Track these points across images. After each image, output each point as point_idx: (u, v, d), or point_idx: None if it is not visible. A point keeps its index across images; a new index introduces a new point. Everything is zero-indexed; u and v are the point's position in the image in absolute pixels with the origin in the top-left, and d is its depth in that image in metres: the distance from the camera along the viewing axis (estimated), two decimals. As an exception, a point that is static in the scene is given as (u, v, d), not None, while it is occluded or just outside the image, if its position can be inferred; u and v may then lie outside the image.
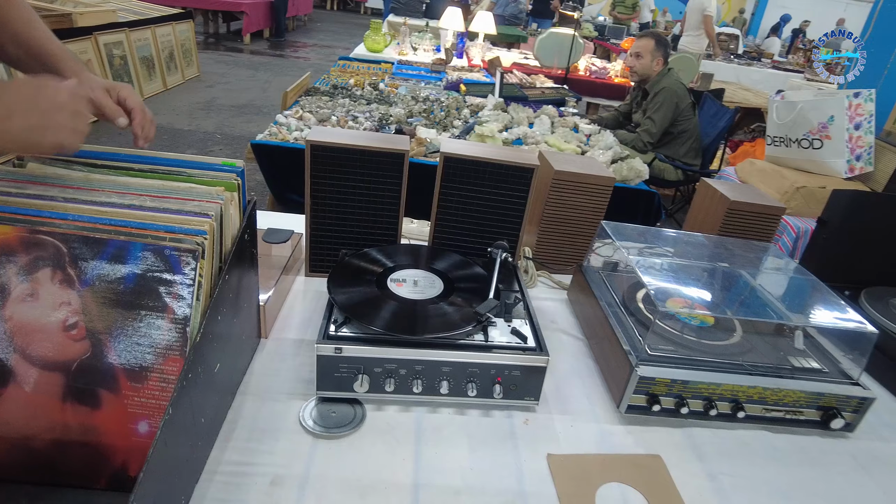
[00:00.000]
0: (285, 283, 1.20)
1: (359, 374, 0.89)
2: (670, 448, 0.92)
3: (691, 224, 1.44)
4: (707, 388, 0.95)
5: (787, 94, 2.51)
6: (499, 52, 5.51)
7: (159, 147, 4.29)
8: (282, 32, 9.97)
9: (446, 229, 1.22)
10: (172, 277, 0.77)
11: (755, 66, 9.11)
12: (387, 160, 1.13)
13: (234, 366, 0.92)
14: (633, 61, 3.39)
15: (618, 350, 0.98)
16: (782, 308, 1.11)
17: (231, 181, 0.91)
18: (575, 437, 0.91)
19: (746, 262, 1.21)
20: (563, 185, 1.30)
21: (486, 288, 1.00)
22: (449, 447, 0.86)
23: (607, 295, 1.14)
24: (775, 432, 0.99)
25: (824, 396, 0.98)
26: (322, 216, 1.19)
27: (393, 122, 2.56)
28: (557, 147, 2.38)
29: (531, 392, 0.93)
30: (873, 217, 1.34)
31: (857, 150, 2.27)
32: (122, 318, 0.76)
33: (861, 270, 1.38)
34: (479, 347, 0.91)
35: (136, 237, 0.77)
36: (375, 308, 0.93)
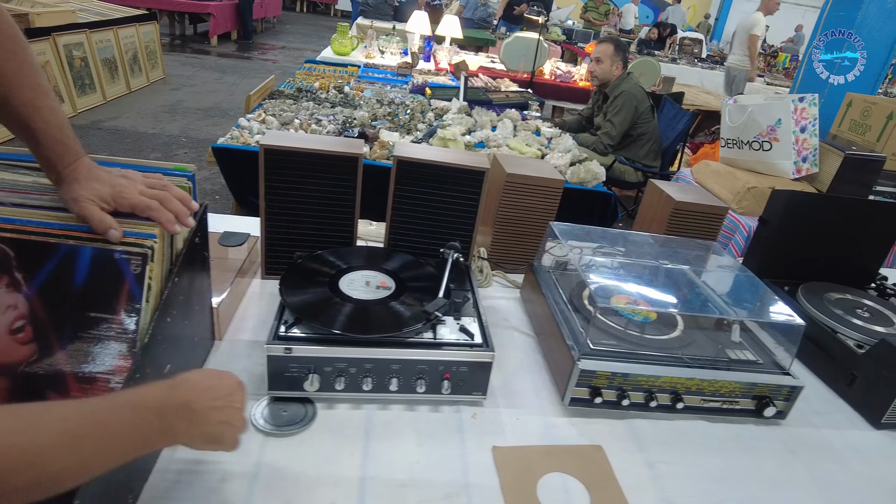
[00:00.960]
0: (241, 285, 1.21)
1: (309, 373, 0.91)
2: (612, 438, 0.96)
3: (640, 224, 1.49)
4: (647, 381, 0.99)
5: (740, 98, 2.61)
6: (466, 55, 5.56)
7: (121, 151, 4.23)
8: (249, 34, 9.87)
9: (401, 231, 1.24)
10: (122, 281, 0.78)
11: (718, 69, 9.36)
12: (340, 163, 1.16)
13: (185, 367, 0.93)
14: (593, 66, 3.47)
15: (562, 345, 1.02)
16: (721, 303, 1.17)
17: (182, 185, 0.92)
18: (521, 429, 0.95)
19: (689, 260, 1.27)
20: (515, 187, 1.33)
21: (437, 287, 1.03)
22: (397, 442, 0.89)
23: (556, 293, 1.19)
24: (713, 421, 1.04)
25: (758, 386, 1.04)
26: (277, 219, 1.20)
27: (357, 125, 2.58)
28: (518, 150, 2.42)
29: (478, 387, 0.97)
30: (810, 216, 1.41)
31: (803, 152, 2.37)
32: (71, 321, 0.77)
33: (800, 266, 1.45)
34: (428, 345, 0.94)
35: (86, 241, 0.78)
36: (325, 308, 0.96)
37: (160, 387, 0.64)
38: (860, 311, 1.32)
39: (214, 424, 0.66)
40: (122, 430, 0.58)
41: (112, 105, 5.24)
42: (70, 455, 0.53)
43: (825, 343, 1.24)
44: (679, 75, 7.84)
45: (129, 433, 0.59)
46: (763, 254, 1.45)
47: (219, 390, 0.68)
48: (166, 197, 0.84)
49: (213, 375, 0.70)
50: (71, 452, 0.53)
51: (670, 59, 9.30)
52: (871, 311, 1.33)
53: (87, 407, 0.57)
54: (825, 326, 1.25)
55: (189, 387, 0.65)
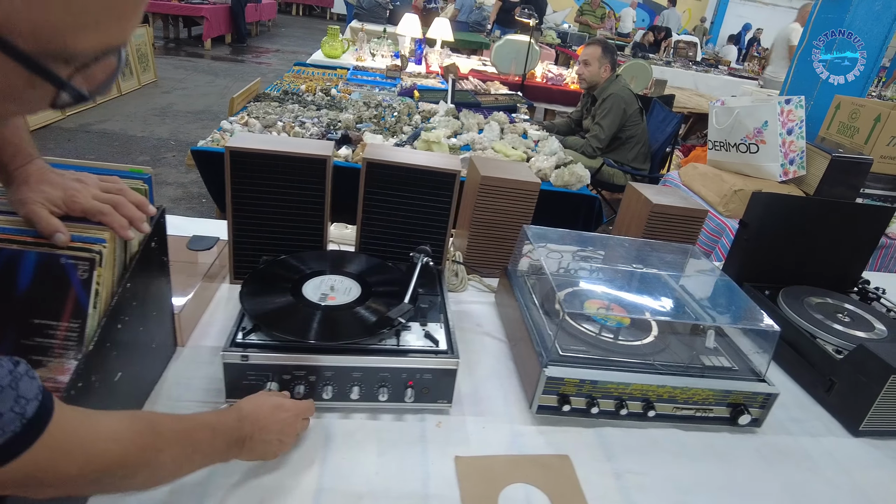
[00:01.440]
0: (208, 290, 1.19)
1: (267, 381, 0.88)
2: (580, 448, 0.94)
3: (619, 227, 1.47)
4: (617, 388, 0.97)
5: (727, 100, 2.59)
6: (458, 58, 5.55)
7: (109, 155, 4.20)
8: (243, 37, 9.85)
9: (372, 234, 1.22)
10: (68, 286, 0.76)
11: (712, 72, 9.37)
12: (308, 166, 1.13)
13: (140, 374, 0.91)
14: (581, 69, 3.45)
15: (531, 351, 1.00)
16: (697, 308, 1.15)
17: (138, 188, 0.89)
18: (486, 438, 0.92)
19: (666, 264, 1.24)
20: (490, 190, 1.31)
21: (405, 292, 1.00)
22: (357, 452, 0.86)
23: (528, 298, 1.16)
24: (686, 430, 1.02)
25: (732, 394, 1.01)
26: (245, 223, 1.18)
27: (341, 127, 2.56)
28: (503, 153, 2.40)
29: (444, 395, 0.94)
30: (791, 219, 1.39)
31: (790, 154, 2.35)
32: (13, 328, 0.74)
33: (781, 270, 1.43)
34: (391, 352, 0.91)
35: (31, 245, 0.76)
36: (285, 314, 0.93)
37: (232, 417, 0.75)
38: (841, 316, 1.30)
39: (262, 452, 0.78)
40: (201, 447, 0.69)
41: (101, 108, 5.21)
42: (174, 460, 0.65)
43: (804, 348, 1.22)
44: (673, 78, 7.84)
45: (206, 450, 0.70)
46: (744, 257, 1.42)
47: (274, 426, 0.79)
48: (120, 201, 0.82)
49: (277, 409, 0.80)
50: (175, 458, 0.65)
51: (665, 62, 9.30)
52: (852, 315, 1.31)
53: (182, 423, 0.68)
54: (804, 331, 1.23)
55: (252, 421, 0.76)
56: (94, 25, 0.42)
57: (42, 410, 0.51)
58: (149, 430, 0.63)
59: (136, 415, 0.67)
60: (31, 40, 0.40)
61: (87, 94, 0.46)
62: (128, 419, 0.62)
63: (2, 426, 0.48)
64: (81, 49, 0.43)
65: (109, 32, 0.44)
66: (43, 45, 0.40)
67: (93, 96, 0.47)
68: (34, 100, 0.46)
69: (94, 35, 0.43)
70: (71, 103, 0.46)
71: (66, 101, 0.46)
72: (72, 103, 0.46)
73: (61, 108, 0.47)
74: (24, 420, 0.49)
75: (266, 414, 0.79)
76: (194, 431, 0.69)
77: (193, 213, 3.54)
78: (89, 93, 0.46)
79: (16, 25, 0.39)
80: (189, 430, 0.68)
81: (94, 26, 0.42)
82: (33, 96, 0.45)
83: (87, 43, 0.43)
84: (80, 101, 0.46)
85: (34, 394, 0.51)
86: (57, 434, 0.52)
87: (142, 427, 0.62)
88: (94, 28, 0.42)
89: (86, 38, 0.42)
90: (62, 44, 0.41)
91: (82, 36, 0.42)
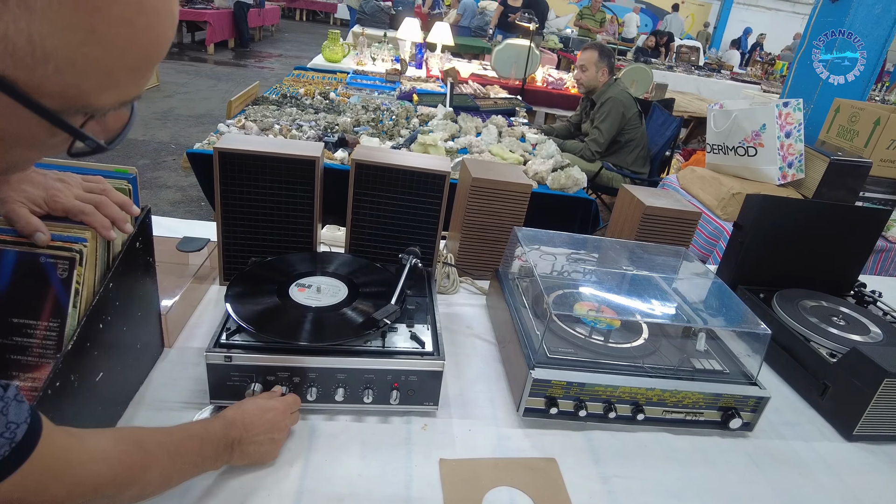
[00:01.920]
0: (197, 291, 1.18)
1: (251, 382, 0.88)
2: (568, 451, 0.93)
3: (612, 229, 1.46)
4: (605, 391, 0.96)
5: (725, 103, 2.58)
6: (459, 63, 5.55)
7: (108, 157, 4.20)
8: (246, 42, 9.90)
9: (362, 236, 1.21)
10: (47, 285, 0.75)
11: (715, 77, 9.37)
12: (297, 167, 1.13)
13: (124, 375, 0.90)
14: (579, 74, 3.45)
15: (518, 353, 0.99)
16: (688, 310, 1.13)
17: (122, 188, 0.89)
18: (472, 441, 0.91)
19: (658, 266, 1.23)
20: (481, 192, 1.31)
21: (392, 293, 0.99)
22: (340, 454, 0.85)
23: (519, 300, 1.15)
24: (677, 434, 1.01)
25: (723, 397, 1.00)
26: (234, 224, 1.17)
27: (338, 130, 2.56)
28: (500, 156, 2.40)
29: (430, 397, 0.93)
30: (786, 222, 1.38)
31: (788, 157, 2.34)
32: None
33: (776, 274, 1.42)
34: (375, 353, 0.90)
35: (10, 244, 0.75)
36: (270, 315, 0.92)
37: (218, 425, 0.76)
38: (836, 319, 1.28)
39: (254, 455, 0.79)
40: (190, 457, 0.70)
41: (104, 112, 5.22)
42: (161, 474, 0.66)
43: (798, 352, 1.20)
44: (675, 83, 7.84)
45: (194, 459, 0.71)
46: (738, 260, 1.41)
47: (261, 426, 0.79)
48: (103, 201, 0.82)
49: (262, 411, 0.81)
50: (162, 472, 0.66)
51: (667, 66, 9.31)
52: (848, 318, 1.30)
53: (169, 437, 0.69)
54: (798, 335, 1.22)
55: (238, 426, 0.77)
56: (116, 85, 0.46)
57: (30, 432, 0.51)
58: (136, 448, 0.64)
59: (122, 433, 0.68)
60: (58, 100, 0.43)
61: (105, 144, 0.50)
62: (115, 439, 0.63)
63: None
64: (101, 105, 0.46)
65: (128, 89, 0.47)
66: (69, 104, 0.44)
67: (110, 147, 0.51)
68: (54, 146, 0.50)
69: (114, 92, 0.46)
70: (88, 153, 0.50)
71: (83, 150, 0.49)
72: (89, 153, 0.50)
73: (77, 157, 0.51)
74: (13, 444, 0.49)
75: (252, 417, 0.80)
76: (181, 443, 0.70)
77: (192, 216, 3.55)
78: (106, 143, 0.50)
79: (47, 89, 0.42)
80: (176, 442, 0.69)
81: (116, 86, 0.46)
82: (54, 143, 0.49)
83: (107, 100, 0.46)
84: (97, 152, 0.50)
85: (23, 417, 0.51)
86: (45, 456, 0.52)
87: (129, 446, 0.63)
88: (115, 87, 0.46)
89: (107, 96, 0.46)
90: (86, 102, 0.45)
91: (104, 95, 0.46)
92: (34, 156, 0.52)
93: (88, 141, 0.48)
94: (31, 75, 0.41)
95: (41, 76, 0.41)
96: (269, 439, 0.81)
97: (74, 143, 0.49)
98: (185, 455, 0.70)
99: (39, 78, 0.41)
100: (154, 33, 0.46)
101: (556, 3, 14.69)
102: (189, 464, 0.71)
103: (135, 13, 0.43)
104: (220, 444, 0.74)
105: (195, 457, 0.71)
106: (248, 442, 0.78)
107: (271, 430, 0.81)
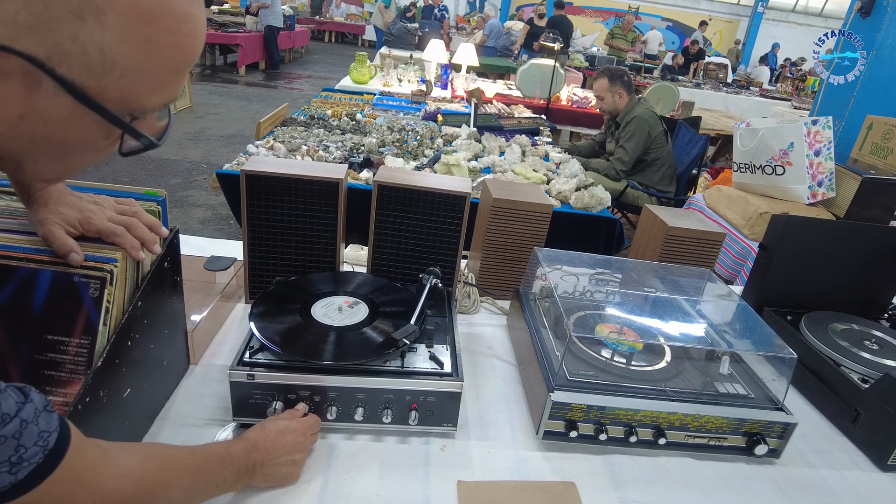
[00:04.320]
0: (222, 309, 1.21)
1: (273, 400, 0.89)
2: (587, 475, 0.91)
3: (635, 250, 1.45)
4: (626, 415, 0.95)
5: (752, 121, 2.55)
6: (484, 83, 5.60)
7: (143, 177, 4.35)
8: (276, 64, 10.15)
9: (383, 256, 1.23)
10: (80, 304, 0.78)
11: (743, 94, 9.26)
12: (321, 188, 1.15)
13: (151, 391, 0.93)
14: (599, 104, 3.46)
15: (538, 375, 0.99)
16: (712, 332, 1.12)
17: (152, 209, 0.92)
18: (490, 463, 0.91)
19: (681, 288, 1.22)
20: (502, 212, 1.31)
21: (412, 314, 1.00)
22: (358, 474, 0.86)
23: (539, 321, 1.15)
24: (699, 459, 0.99)
25: (747, 422, 0.98)
26: (259, 244, 1.20)
27: (364, 151, 2.60)
28: (524, 175, 2.40)
29: (448, 418, 0.93)
30: (815, 242, 1.35)
31: (818, 175, 2.30)
32: (28, 343, 0.77)
33: (804, 295, 1.39)
34: (395, 373, 0.91)
35: (47, 264, 0.79)
36: (292, 334, 0.94)
37: (241, 447, 0.77)
38: (868, 343, 1.25)
39: (275, 477, 0.81)
40: (212, 478, 0.72)
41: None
42: (183, 494, 0.68)
43: (827, 377, 1.17)
44: (703, 100, 7.77)
45: (215, 480, 0.73)
46: (764, 281, 1.39)
47: (282, 449, 0.81)
48: (134, 223, 0.85)
49: (283, 433, 0.82)
50: (184, 492, 0.68)
51: (694, 84, 9.24)
52: (881, 342, 1.26)
53: (193, 457, 0.71)
54: (828, 359, 1.19)
55: (260, 449, 0.79)
56: (162, 87, 0.53)
57: (60, 441, 0.53)
58: (160, 466, 0.66)
59: (148, 450, 0.70)
60: (117, 104, 0.50)
61: (157, 141, 0.56)
62: (140, 456, 0.66)
63: (27, 458, 0.50)
64: (150, 106, 0.53)
65: (171, 91, 0.54)
66: (124, 107, 0.51)
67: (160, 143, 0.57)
68: (105, 149, 0.56)
69: (161, 94, 0.53)
70: (141, 150, 0.56)
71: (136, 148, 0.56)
72: (142, 150, 0.56)
73: (128, 155, 0.57)
74: (46, 451, 0.51)
75: (273, 439, 0.81)
76: (204, 464, 0.72)
77: (221, 234, 3.63)
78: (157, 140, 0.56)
79: (110, 94, 0.49)
80: (199, 463, 0.71)
81: (162, 88, 0.53)
82: (105, 146, 0.56)
83: (155, 101, 0.53)
84: (150, 148, 0.56)
85: (54, 426, 0.53)
86: (74, 465, 0.54)
87: (153, 464, 0.65)
88: (161, 89, 0.53)
89: (155, 98, 0.53)
90: (138, 104, 0.52)
91: (153, 96, 0.53)
92: (88, 160, 0.58)
93: (143, 138, 0.54)
94: (99, 82, 0.47)
95: (107, 82, 0.47)
96: (289, 461, 0.82)
97: (123, 143, 0.55)
98: (207, 476, 0.72)
99: (106, 84, 0.47)
100: (194, 39, 0.53)
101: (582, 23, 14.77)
102: (210, 484, 0.73)
103: (181, 22, 0.50)
104: (241, 467, 0.76)
105: (216, 478, 0.73)
106: (270, 464, 0.79)
107: (292, 452, 0.82)
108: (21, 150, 0.52)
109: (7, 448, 0.49)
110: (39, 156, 0.54)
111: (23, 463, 0.50)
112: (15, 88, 0.46)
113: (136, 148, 0.55)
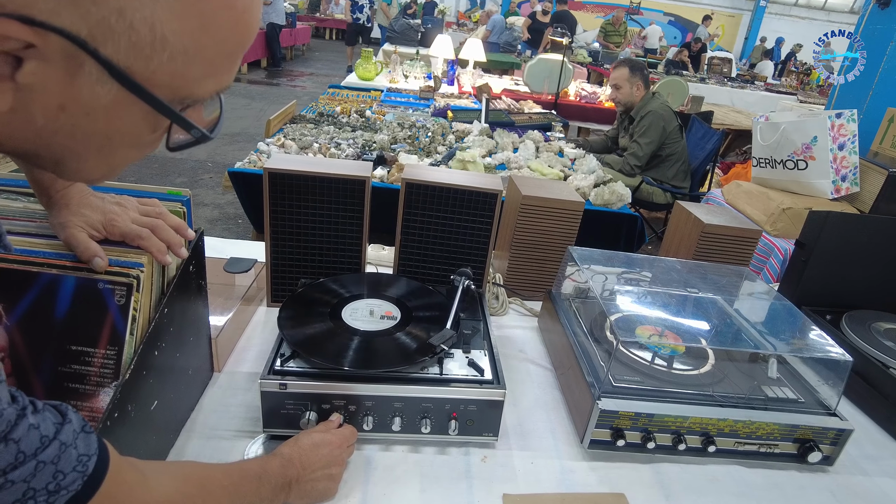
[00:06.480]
0: (244, 313, 1.16)
1: (306, 410, 0.85)
2: (636, 486, 0.87)
3: (667, 248, 1.40)
4: (674, 422, 0.90)
5: (771, 115, 2.50)
6: (490, 78, 5.55)
7: (148, 176, 4.30)
8: (278, 62, 10.09)
9: (411, 256, 1.19)
10: (105, 312, 0.74)
11: (749, 88, 9.19)
12: (347, 187, 1.11)
13: (177, 402, 0.88)
14: (614, 93, 3.40)
15: (581, 381, 0.94)
16: (756, 335, 1.07)
17: (177, 210, 0.88)
18: (535, 475, 0.87)
19: (720, 287, 1.17)
20: (531, 210, 1.27)
21: (446, 317, 0.96)
22: (398, 487, 0.81)
23: (575, 323, 1.11)
24: (750, 467, 0.95)
25: (800, 428, 0.94)
26: (283, 245, 1.16)
27: (376, 148, 2.55)
28: (540, 172, 2.36)
29: (489, 427, 0.89)
30: (853, 239, 1.31)
31: (842, 170, 2.25)
32: (51, 354, 0.73)
33: (842, 294, 1.35)
34: (433, 381, 0.87)
35: (69, 270, 0.74)
36: (324, 340, 0.90)
37: (276, 464, 0.74)
38: (913, 343, 1.20)
39: (312, 493, 0.77)
40: (249, 498, 0.69)
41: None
42: None
43: (875, 379, 1.13)
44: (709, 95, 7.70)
45: (253, 500, 0.70)
46: (801, 280, 1.34)
47: (318, 463, 0.77)
48: (159, 225, 0.80)
49: (318, 446, 0.79)
50: None
51: (699, 78, 9.17)
52: (926, 342, 1.21)
53: (230, 478, 0.68)
54: (874, 360, 1.14)
55: (296, 464, 0.76)
56: (215, 73, 0.47)
57: (99, 464, 0.50)
58: (198, 490, 0.63)
59: (184, 472, 0.66)
60: (167, 91, 0.44)
61: (210, 134, 0.50)
62: (179, 479, 0.62)
63: (65, 486, 0.47)
64: (201, 94, 0.47)
65: (224, 77, 0.48)
66: (175, 94, 0.45)
67: (213, 136, 0.51)
68: (151, 143, 0.51)
69: (213, 81, 0.47)
70: (192, 143, 0.50)
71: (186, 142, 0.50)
72: (192, 144, 0.50)
73: (176, 150, 0.52)
74: (85, 477, 0.48)
75: (307, 454, 0.78)
76: (241, 485, 0.69)
77: (230, 233, 3.58)
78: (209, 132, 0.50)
79: (158, 79, 0.43)
80: (236, 483, 0.68)
81: (215, 73, 0.47)
82: (152, 140, 0.50)
83: (207, 88, 0.47)
84: (201, 142, 0.50)
85: (93, 449, 0.50)
86: (113, 491, 0.51)
87: (191, 489, 0.63)
88: (214, 75, 0.47)
89: (207, 85, 0.47)
90: (189, 91, 0.46)
91: (205, 83, 0.47)
92: (132, 156, 0.52)
93: (194, 130, 0.48)
94: (147, 65, 0.41)
95: (156, 65, 0.42)
96: (326, 475, 0.78)
97: (171, 136, 0.49)
98: (245, 496, 0.69)
99: (154, 67, 0.42)
100: (250, 17, 0.46)
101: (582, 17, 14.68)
102: (247, 502, 0.69)
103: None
104: (277, 484, 0.73)
105: (254, 497, 0.70)
106: (306, 480, 0.76)
107: (328, 466, 0.79)
108: (62, 146, 0.46)
109: (45, 475, 0.45)
110: (83, 153, 0.48)
111: (61, 491, 0.46)
112: (55, 74, 0.40)
113: (184, 142, 0.50)
